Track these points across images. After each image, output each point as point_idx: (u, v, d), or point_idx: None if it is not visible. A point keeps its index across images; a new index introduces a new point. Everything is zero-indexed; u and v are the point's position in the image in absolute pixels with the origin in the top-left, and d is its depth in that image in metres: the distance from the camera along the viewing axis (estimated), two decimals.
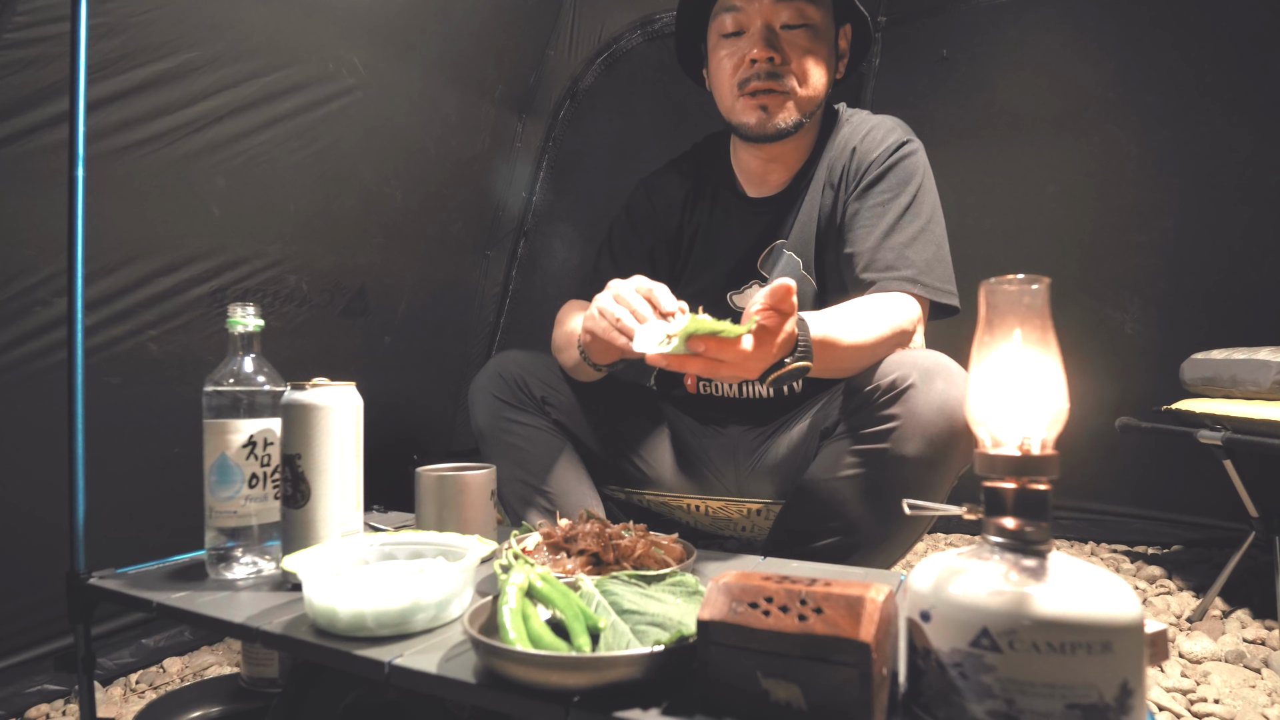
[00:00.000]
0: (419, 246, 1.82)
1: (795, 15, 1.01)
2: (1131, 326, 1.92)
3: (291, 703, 0.76)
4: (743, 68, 1.04)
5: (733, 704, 0.47)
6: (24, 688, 1.15)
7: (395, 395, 1.83)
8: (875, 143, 1.07)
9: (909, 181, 1.05)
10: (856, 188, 1.07)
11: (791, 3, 1.01)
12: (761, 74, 1.02)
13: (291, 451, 0.77)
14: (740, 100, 1.05)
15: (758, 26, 1.02)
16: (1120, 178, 1.95)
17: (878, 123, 1.11)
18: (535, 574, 0.59)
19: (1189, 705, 1.11)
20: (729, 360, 0.73)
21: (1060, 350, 0.48)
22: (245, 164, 1.34)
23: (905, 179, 1.05)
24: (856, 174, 1.07)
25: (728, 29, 1.05)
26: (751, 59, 1.02)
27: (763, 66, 1.02)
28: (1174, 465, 1.82)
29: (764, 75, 1.02)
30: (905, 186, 1.04)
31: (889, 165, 1.05)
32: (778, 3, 1.01)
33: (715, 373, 0.75)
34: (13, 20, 1.00)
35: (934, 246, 1.03)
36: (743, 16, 1.03)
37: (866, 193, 1.05)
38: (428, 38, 1.63)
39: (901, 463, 0.88)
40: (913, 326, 0.98)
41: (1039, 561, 0.45)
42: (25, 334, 1.10)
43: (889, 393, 0.89)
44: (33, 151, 1.06)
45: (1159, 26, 1.88)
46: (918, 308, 1.00)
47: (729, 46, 1.05)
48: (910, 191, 1.04)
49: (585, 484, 1.14)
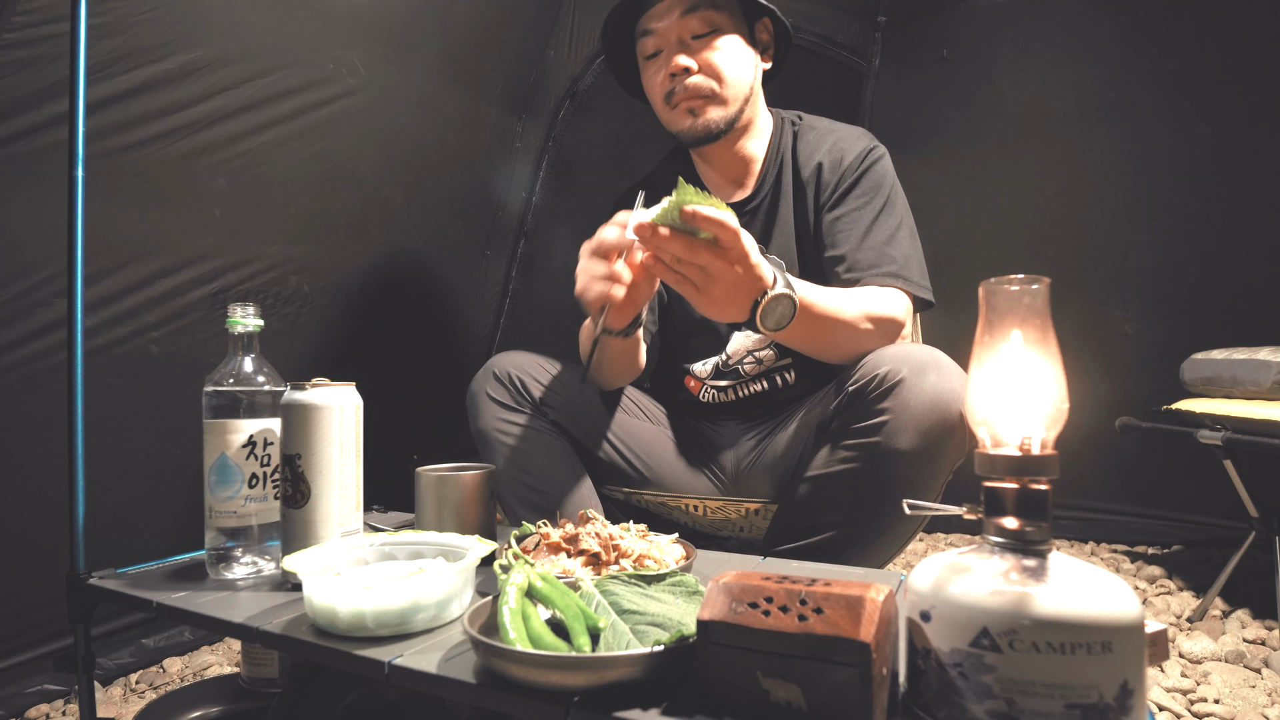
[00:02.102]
0: (419, 247, 1.82)
1: (701, 24, 1.09)
2: (1131, 326, 1.92)
3: (291, 703, 0.76)
4: (666, 82, 1.11)
5: (733, 704, 0.47)
6: (24, 688, 1.15)
7: (395, 395, 1.83)
8: (844, 152, 1.13)
9: (881, 185, 1.10)
10: (831, 197, 1.11)
11: (695, 14, 1.08)
12: (681, 85, 1.10)
13: (291, 451, 0.77)
14: (671, 112, 1.13)
15: (671, 43, 1.10)
16: (1120, 178, 1.95)
17: (844, 132, 1.16)
18: (535, 574, 0.59)
19: (1189, 705, 1.11)
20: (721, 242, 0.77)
21: (1060, 350, 0.48)
22: (246, 165, 1.34)
23: (878, 183, 1.10)
24: (830, 184, 1.12)
25: (648, 51, 1.13)
26: (671, 74, 1.10)
27: (681, 78, 1.10)
28: (1174, 465, 1.82)
29: (684, 85, 1.09)
30: (879, 190, 1.10)
31: (861, 172, 1.11)
32: (684, 18, 1.08)
33: (707, 287, 0.79)
34: (13, 20, 0.99)
35: (909, 245, 1.08)
36: (657, 39, 1.11)
37: (843, 199, 1.10)
38: (428, 38, 1.63)
39: (894, 456, 0.89)
40: (901, 317, 1.01)
41: (1039, 561, 0.45)
42: (26, 335, 1.10)
43: (880, 387, 0.90)
44: (33, 151, 1.06)
45: (1159, 26, 1.88)
46: (905, 300, 1.03)
47: (652, 67, 1.14)
48: (884, 195, 1.10)
49: (585, 484, 1.14)
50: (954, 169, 2.06)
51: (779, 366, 1.17)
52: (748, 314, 0.85)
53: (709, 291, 0.81)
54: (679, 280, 0.82)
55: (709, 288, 0.81)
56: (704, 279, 0.80)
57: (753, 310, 0.84)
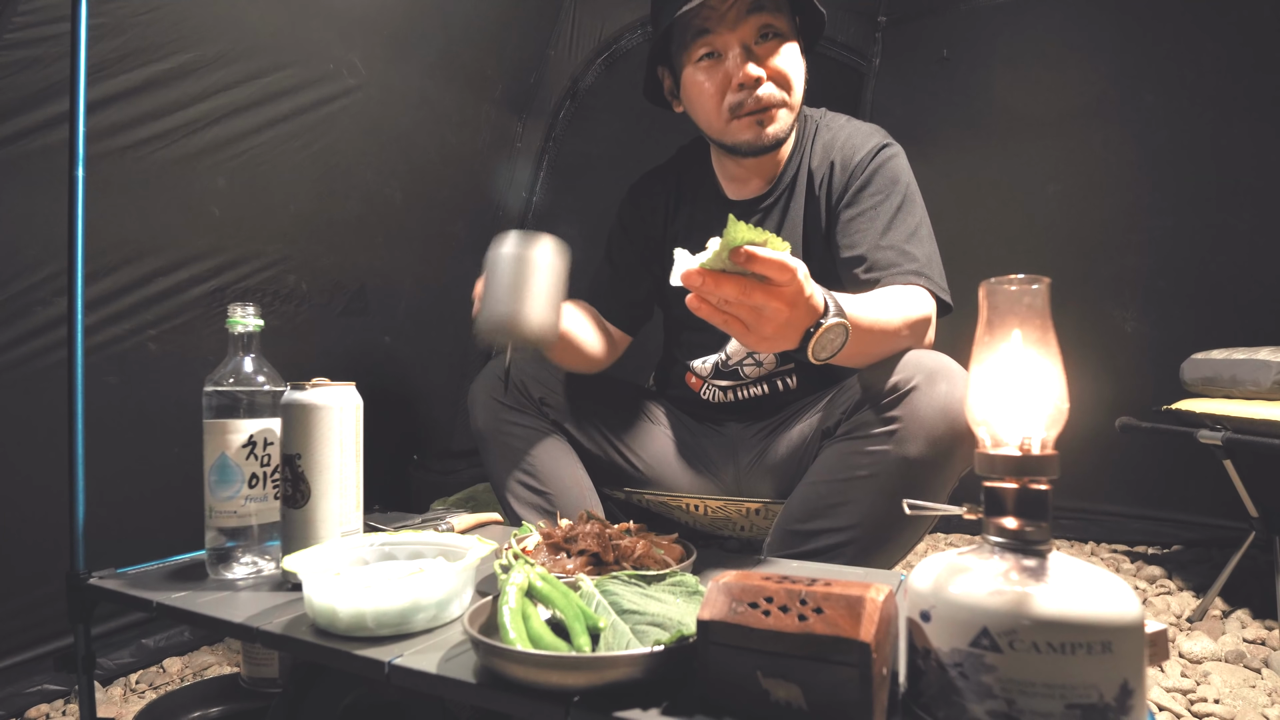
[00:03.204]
0: (419, 246, 1.82)
1: (763, 28, 1.02)
2: (1131, 326, 1.92)
3: (291, 703, 0.76)
4: (730, 91, 1.03)
5: (733, 704, 0.47)
6: (24, 688, 1.14)
7: (395, 395, 1.83)
8: (855, 149, 1.08)
9: (896, 183, 1.05)
10: (844, 195, 1.07)
11: (758, 15, 1.01)
12: (753, 97, 1.02)
13: (291, 451, 0.77)
14: (734, 122, 1.05)
15: (735, 49, 1.02)
16: (1120, 178, 1.95)
17: (855, 129, 1.12)
18: (535, 574, 0.59)
19: (1189, 705, 1.11)
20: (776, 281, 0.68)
21: (1060, 350, 0.48)
22: (245, 164, 1.34)
23: (892, 180, 1.05)
24: (842, 183, 1.08)
25: (703, 53, 1.04)
26: (740, 83, 1.02)
27: (752, 89, 1.02)
28: (1174, 465, 1.81)
29: (755, 97, 1.02)
30: (894, 188, 1.05)
31: (874, 169, 1.06)
32: (745, 19, 1.01)
33: (757, 326, 0.72)
34: (13, 20, 0.99)
35: (930, 245, 1.04)
36: (716, 40, 1.02)
37: (856, 197, 1.06)
38: (428, 38, 1.63)
39: (903, 464, 0.88)
40: (930, 315, 0.97)
41: (1039, 561, 0.45)
42: (25, 333, 1.10)
43: (892, 394, 0.89)
44: (33, 151, 1.06)
45: (1158, 26, 1.88)
46: (930, 299, 0.98)
47: (707, 72, 1.04)
48: (900, 192, 1.05)
49: (585, 484, 1.14)
50: (954, 169, 2.06)
51: (780, 371, 1.17)
52: (798, 346, 0.77)
53: (759, 330, 0.73)
54: (727, 320, 0.73)
55: (759, 326, 0.73)
56: (756, 318, 0.72)
57: (804, 340, 0.77)
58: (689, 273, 0.69)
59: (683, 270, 0.69)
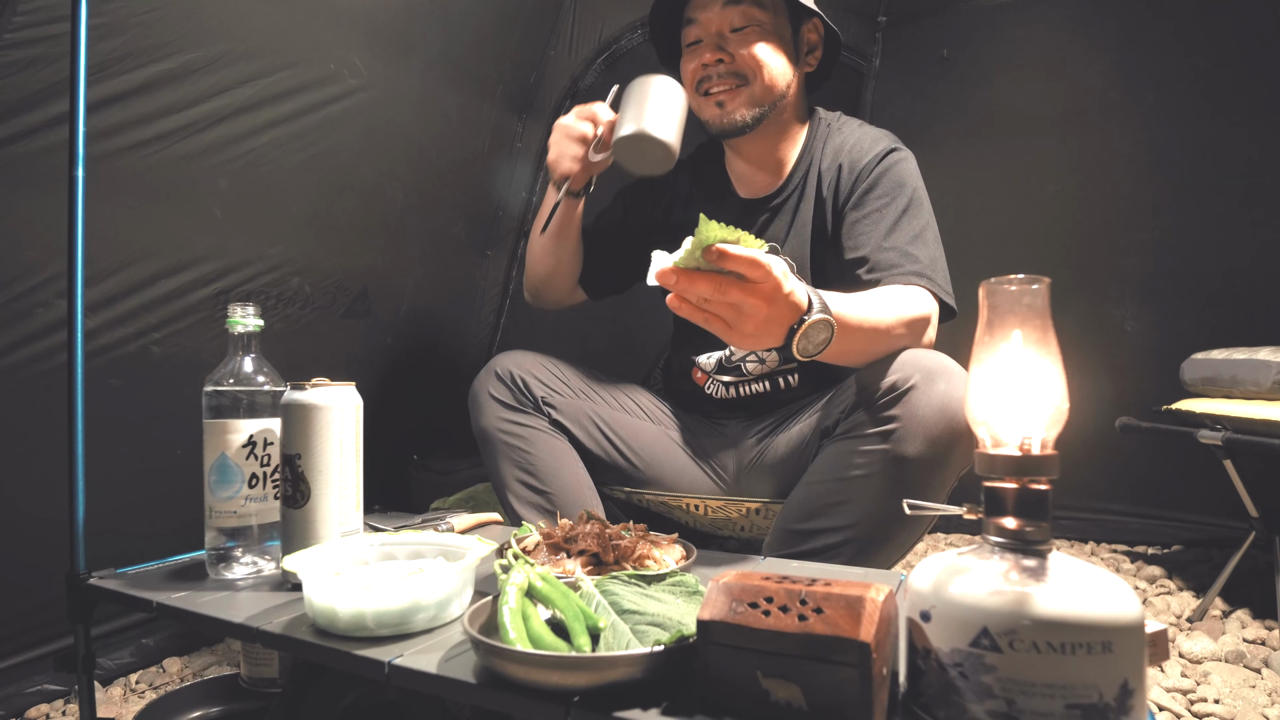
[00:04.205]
0: (420, 247, 1.82)
1: (742, 18, 1.10)
2: (1131, 326, 1.92)
3: (291, 703, 0.76)
4: (699, 71, 1.12)
5: (733, 704, 0.47)
6: (24, 688, 1.14)
7: (395, 395, 1.83)
8: (863, 152, 1.11)
9: (902, 186, 1.07)
10: (850, 197, 1.09)
11: (737, 7, 1.09)
12: (713, 75, 1.11)
13: (291, 451, 0.77)
14: (701, 100, 1.13)
15: (710, 34, 1.11)
16: (1120, 178, 1.94)
17: (865, 133, 1.15)
18: (535, 574, 0.59)
19: (1189, 705, 1.11)
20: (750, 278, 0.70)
21: (1060, 350, 0.48)
22: (247, 165, 1.34)
23: (898, 183, 1.07)
24: (848, 185, 1.10)
25: (689, 40, 1.14)
26: (704, 63, 1.11)
27: (714, 69, 1.11)
28: (1174, 465, 1.81)
29: (715, 75, 1.11)
30: (900, 191, 1.07)
31: (880, 171, 1.08)
32: (726, 9, 1.09)
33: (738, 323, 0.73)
34: (13, 20, 0.99)
35: (935, 248, 1.04)
36: (698, 28, 1.12)
37: (862, 200, 1.08)
38: (428, 38, 1.63)
39: (902, 464, 0.88)
40: (930, 314, 0.98)
41: (1039, 561, 0.45)
42: (26, 336, 1.10)
43: (890, 393, 0.89)
44: (33, 152, 1.06)
45: (1159, 26, 1.88)
46: (931, 299, 0.99)
47: (689, 55, 1.14)
48: (906, 195, 1.06)
49: (585, 484, 1.14)
50: (954, 169, 2.05)
51: (783, 369, 1.17)
52: (782, 342, 0.79)
53: (740, 327, 0.74)
54: (708, 318, 0.75)
55: (740, 324, 0.74)
56: (735, 315, 0.74)
57: (789, 337, 0.78)
58: (663, 271, 0.71)
59: (658, 270, 0.71)
